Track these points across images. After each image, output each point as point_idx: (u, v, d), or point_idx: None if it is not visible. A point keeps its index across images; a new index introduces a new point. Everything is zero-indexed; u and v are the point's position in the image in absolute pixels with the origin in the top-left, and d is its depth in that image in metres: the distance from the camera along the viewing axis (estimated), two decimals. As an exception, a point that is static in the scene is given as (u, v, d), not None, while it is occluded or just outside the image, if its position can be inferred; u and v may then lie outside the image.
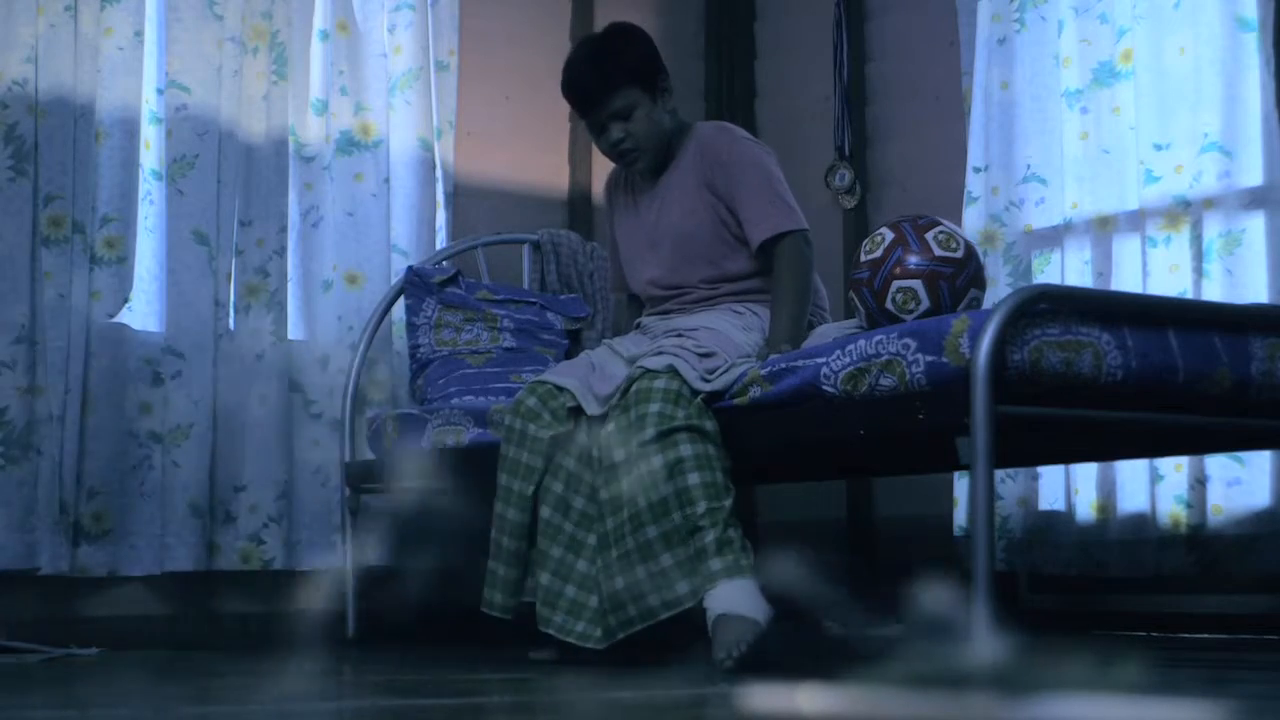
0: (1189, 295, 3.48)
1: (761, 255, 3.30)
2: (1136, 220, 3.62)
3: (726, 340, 3.14)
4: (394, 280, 4.12)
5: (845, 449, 3.24)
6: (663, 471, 2.87)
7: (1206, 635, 3.60)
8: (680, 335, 3.15)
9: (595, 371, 3.17)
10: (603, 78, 3.29)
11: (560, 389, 3.12)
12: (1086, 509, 3.66)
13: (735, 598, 2.79)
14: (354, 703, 2.33)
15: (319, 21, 4.18)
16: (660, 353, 3.04)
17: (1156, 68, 3.60)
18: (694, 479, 2.86)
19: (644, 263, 3.43)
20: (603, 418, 3.04)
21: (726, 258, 3.33)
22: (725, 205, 3.31)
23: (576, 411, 3.10)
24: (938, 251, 2.89)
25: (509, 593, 3.15)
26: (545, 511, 3.08)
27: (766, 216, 3.27)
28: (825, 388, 2.77)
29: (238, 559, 3.90)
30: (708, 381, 2.95)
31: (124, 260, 3.80)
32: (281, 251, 4.04)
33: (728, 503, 2.86)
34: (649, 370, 2.96)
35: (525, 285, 4.27)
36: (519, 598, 3.16)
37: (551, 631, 3.03)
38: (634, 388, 2.96)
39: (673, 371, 2.94)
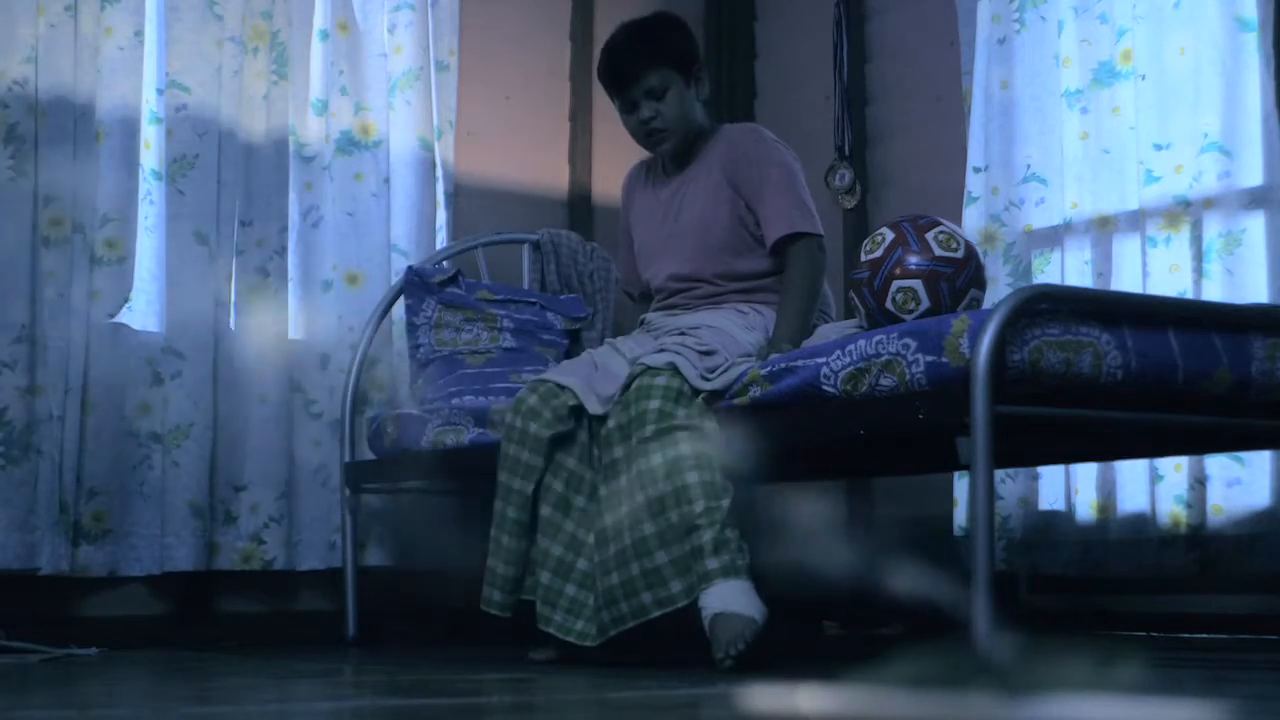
0: (1189, 295, 3.48)
1: (774, 255, 3.31)
2: (1136, 220, 3.62)
3: (728, 338, 3.14)
4: (394, 280, 4.13)
5: (845, 449, 3.24)
6: (661, 469, 2.87)
7: (1206, 635, 3.60)
8: (683, 334, 3.16)
9: (598, 371, 3.18)
10: (641, 54, 3.33)
11: (562, 387, 3.12)
12: (1086, 509, 3.66)
13: (732, 597, 2.79)
14: (354, 703, 2.33)
15: (319, 21, 4.18)
16: (662, 350, 3.04)
17: (1156, 68, 3.60)
18: (692, 478, 2.86)
19: (659, 254, 3.45)
20: (604, 417, 3.05)
21: (741, 255, 3.34)
22: (745, 202, 3.34)
23: (578, 410, 3.10)
24: (938, 251, 2.89)
25: (508, 591, 3.16)
26: (546, 510, 3.09)
27: (785, 215, 3.29)
28: (825, 388, 2.77)
29: (238, 559, 3.90)
30: (708, 380, 2.96)
31: (124, 260, 3.80)
32: (281, 251, 4.04)
33: (726, 502, 2.86)
34: (650, 367, 2.96)
35: (525, 285, 4.27)
36: (518, 596, 3.16)
37: (551, 630, 3.04)
38: (635, 384, 2.97)
39: (674, 369, 2.95)
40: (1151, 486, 3.52)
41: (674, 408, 2.90)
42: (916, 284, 2.88)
